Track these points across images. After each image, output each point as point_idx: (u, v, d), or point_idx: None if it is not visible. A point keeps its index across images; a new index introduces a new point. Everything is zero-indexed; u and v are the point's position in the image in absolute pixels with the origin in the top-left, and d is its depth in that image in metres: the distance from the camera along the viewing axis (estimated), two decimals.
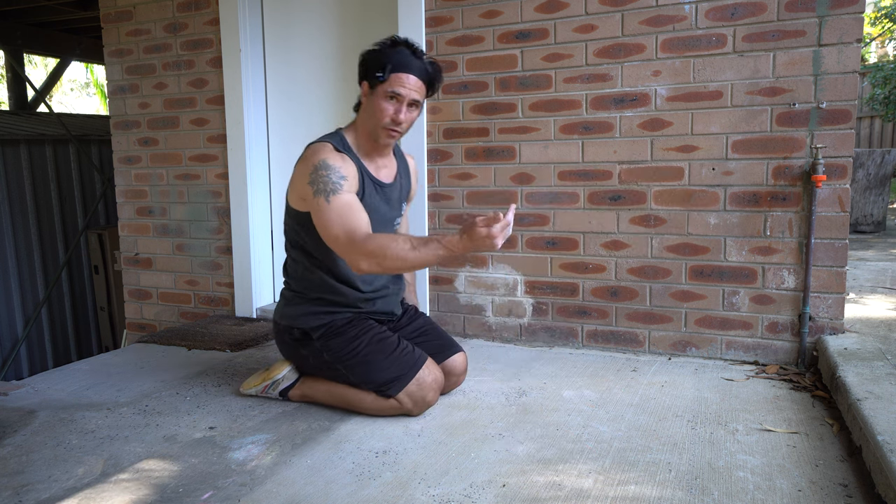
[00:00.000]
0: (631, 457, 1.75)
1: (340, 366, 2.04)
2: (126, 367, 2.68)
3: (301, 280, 2.13)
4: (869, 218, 5.53)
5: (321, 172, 1.91)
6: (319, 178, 1.90)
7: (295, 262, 2.15)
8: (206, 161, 3.43)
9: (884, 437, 1.56)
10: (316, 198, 1.90)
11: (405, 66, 1.96)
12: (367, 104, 2.02)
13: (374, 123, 2.00)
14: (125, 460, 1.79)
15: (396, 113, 1.97)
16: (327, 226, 1.89)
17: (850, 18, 2.30)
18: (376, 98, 1.98)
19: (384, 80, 1.95)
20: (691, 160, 2.55)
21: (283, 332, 2.15)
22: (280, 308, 2.18)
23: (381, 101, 1.97)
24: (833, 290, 2.42)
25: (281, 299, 2.21)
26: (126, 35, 3.53)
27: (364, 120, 2.04)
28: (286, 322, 2.13)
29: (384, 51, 1.98)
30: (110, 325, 5.24)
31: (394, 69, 1.95)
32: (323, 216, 1.89)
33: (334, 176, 1.91)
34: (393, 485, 1.62)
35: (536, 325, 2.86)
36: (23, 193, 4.97)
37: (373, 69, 1.97)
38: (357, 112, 2.10)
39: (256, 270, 3.38)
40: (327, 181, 1.90)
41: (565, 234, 2.77)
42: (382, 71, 1.95)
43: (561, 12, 2.67)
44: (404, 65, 1.96)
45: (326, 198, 1.89)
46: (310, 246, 2.07)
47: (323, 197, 1.89)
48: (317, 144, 2.01)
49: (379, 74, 1.95)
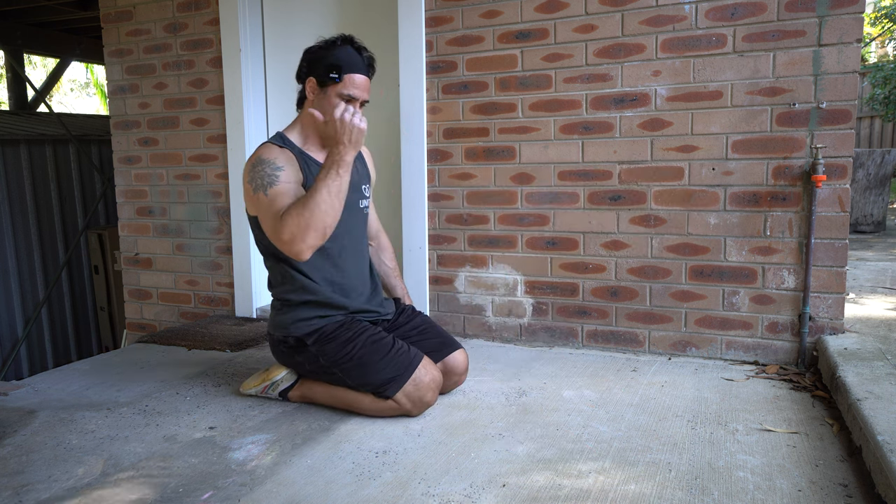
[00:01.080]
0: (631, 457, 1.75)
1: (337, 370, 2.04)
2: (126, 367, 2.68)
3: (282, 287, 2.13)
4: (869, 218, 5.53)
5: (257, 168, 1.94)
6: (256, 175, 1.93)
7: (272, 271, 2.16)
8: (206, 161, 3.43)
9: (884, 437, 1.56)
10: (256, 194, 1.93)
11: (356, 67, 1.99)
12: (318, 100, 2.02)
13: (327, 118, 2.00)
14: (125, 460, 1.79)
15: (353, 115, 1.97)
16: (265, 219, 1.92)
17: (850, 18, 2.30)
18: (328, 98, 2.00)
19: (339, 82, 1.97)
20: (691, 160, 2.55)
21: (278, 343, 2.14)
22: (272, 319, 2.17)
23: (334, 100, 1.99)
24: (833, 290, 2.42)
25: (271, 310, 2.20)
26: (126, 35, 3.53)
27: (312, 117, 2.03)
28: (280, 333, 2.12)
29: (334, 51, 1.99)
30: (110, 325, 5.24)
31: (346, 70, 1.97)
32: (262, 210, 1.92)
33: (269, 168, 1.93)
34: (393, 485, 1.62)
35: (536, 325, 2.86)
36: (23, 193, 4.97)
37: (325, 69, 1.98)
38: (300, 106, 2.12)
39: (256, 270, 3.38)
40: (263, 175, 1.92)
41: (565, 234, 2.77)
42: (337, 72, 1.96)
43: (561, 12, 2.67)
44: (355, 66, 1.99)
45: (265, 191, 1.91)
46: (277, 249, 2.05)
47: (262, 191, 1.92)
48: (257, 149, 2.03)
49: (334, 76, 1.97)
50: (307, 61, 2.04)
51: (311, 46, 2.05)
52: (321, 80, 2.00)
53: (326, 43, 2.02)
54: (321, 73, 1.99)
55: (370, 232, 2.37)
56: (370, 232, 2.37)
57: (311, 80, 2.02)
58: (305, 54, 2.06)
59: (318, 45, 2.04)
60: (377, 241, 2.41)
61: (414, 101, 2.91)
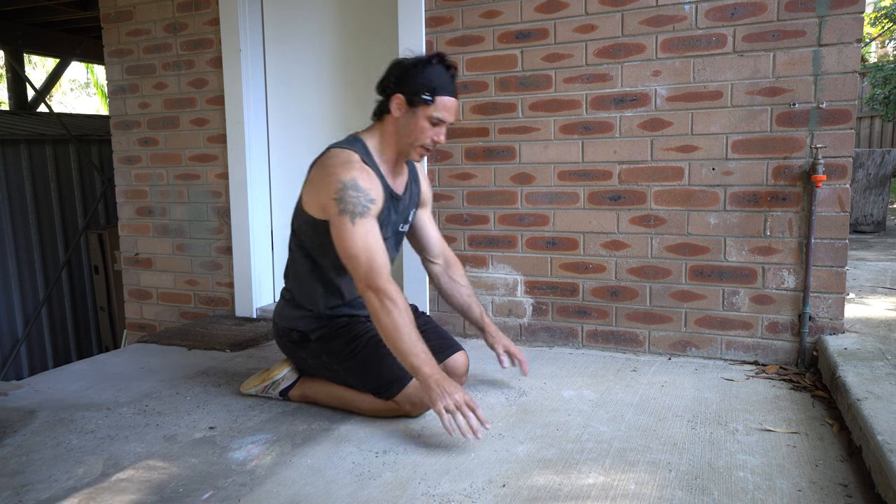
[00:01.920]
0: (631, 457, 1.75)
1: (339, 367, 2.04)
2: (126, 366, 2.68)
3: (298, 284, 2.12)
4: (869, 218, 5.53)
5: (350, 192, 1.85)
6: (348, 198, 1.84)
7: (295, 264, 2.13)
8: (206, 161, 3.43)
9: (884, 437, 1.56)
10: (341, 216, 1.85)
11: (448, 89, 1.92)
12: (404, 121, 1.95)
13: (409, 141, 1.97)
14: (125, 460, 1.79)
15: (437, 136, 1.95)
16: (349, 245, 1.84)
17: (850, 18, 2.30)
18: (417, 118, 1.93)
19: (430, 104, 1.91)
20: (691, 160, 2.55)
21: (282, 334, 2.15)
22: (279, 308, 2.18)
23: (423, 123, 1.93)
24: (833, 290, 2.42)
25: (281, 299, 2.20)
26: (126, 35, 3.53)
27: (395, 133, 1.98)
28: (285, 324, 2.13)
29: (427, 70, 1.91)
30: (110, 325, 5.24)
31: (439, 92, 1.90)
32: (346, 235, 1.85)
33: (364, 198, 1.86)
34: (393, 485, 1.62)
35: (536, 325, 2.86)
36: (23, 193, 4.97)
37: (416, 89, 1.90)
38: (378, 119, 2.03)
39: (256, 270, 3.38)
40: (356, 203, 1.84)
41: (565, 234, 2.77)
42: (430, 94, 1.90)
43: (561, 12, 2.67)
44: (447, 88, 1.92)
45: (352, 219, 1.84)
46: (315, 252, 2.05)
47: (349, 217, 1.84)
48: (343, 153, 1.93)
49: (427, 98, 1.89)
50: (396, 76, 1.94)
51: (402, 60, 1.95)
52: (411, 100, 1.92)
53: (419, 60, 1.92)
54: (412, 92, 1.91)
55: (434, 250, 2.28)
56: (434, 250, 2.28)
57: (399, 97, 1.93)
58: (395, 68, 1.95)
59: (409, 60, 1.94)
60: (444, 258, 2.29)
61: None
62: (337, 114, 3.30)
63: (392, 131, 1.99)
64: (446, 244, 2.33)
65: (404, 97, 1.93)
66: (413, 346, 1.79)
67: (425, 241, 2.28)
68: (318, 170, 1.96)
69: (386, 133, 2.01)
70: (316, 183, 1.95)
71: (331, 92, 3.29)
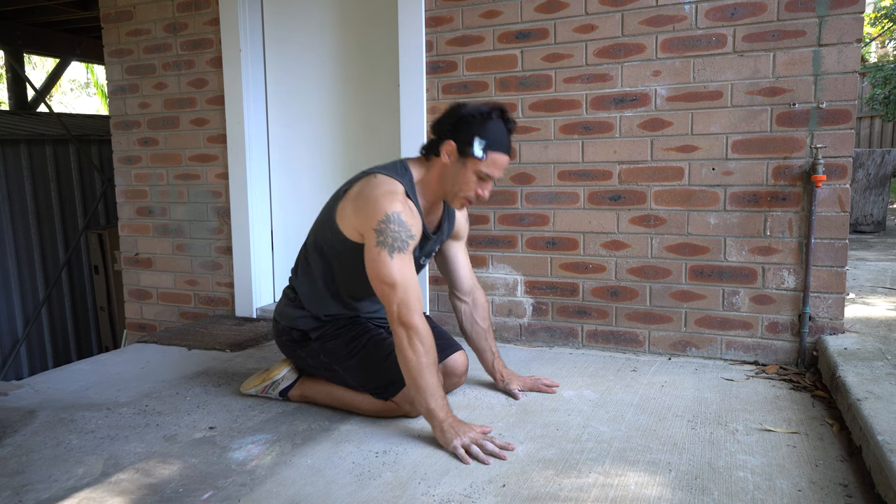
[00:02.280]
0: (631, 457, 1.75)
1: (338, 367, 2.04)
2: (126, 367, 2.68)
3: (305, 291, 2.10)
4: (869, 218, 5.53)
5: (392, 227, 1.81)
6: (389, 231, 1.81)
7: (310, 269, 2.08)
8: (206, 161, 3.43)
9: (884, 437, 1.56)
10: (380, 248, 1.82)
11: (503, 147, 1.89)
12: (452, 169, 1.90)
13: (453, 190, 1.94)
14: (125, 460, 1.79)
15: (483, 191, 1.93)
16: (386, 278, 1.82)
17: (850, 18, 2.30)
18: (466, 170, 1.89)
19: (482, 158, 1.87)
20: (691, 160, 2.55)
21: (282, 333, 2.15)
22: (281, 307, 2.17)
23: (471, 175, 1.89)
24: (833, 290, 2.42)
25: (283, 297, 2.18)
26: (126, 35, 3.53)
27: (440, 179, 1.94)
28: (286, 322, 2.12)
29: (487, 125, 1.86)
30: (110, 325, 5.24)
31: (492, 148, 1.87)
32: (383, 269, 1.82)
33: (404, 234, 1.82)
34: (393, 485, 1.62)
35: (536, 325, 2.86)
36: (23, 193, 4.97)
37: (472, 142, 1.86)
38: (426, 156, 1.98)
39: (256, 270, 3.38)
40: (396, 237, 1.81)
41: (565, 234, 2.77)
42: (483, 151, 1.86)
43: (561, 12, 2.67)
44: (502, 145, 1.88)
45: (390, 253, 1.81)
46: (336, 269, 2.01)
47: (387, 251, 1.81)
48: (389, 183, 1.88)
49: (480, 155, 1.86)
50: (453, 123, 1.89)
51: (463, 107, 1.89)
52: (463, 150, 1.87)
53: (479, 112, 1.87)
54: (465, 143, 1.86)
55: (464, 286, 2.24)
56: (464, 286, 2.24)
57: (451, 144, 1.88)
58: (454, 114, 1.90)
59: (470, 110, 1.88)
60: (472, 297, 2.25)
61: (414, 101, 2.91)
62: (337, 113, 3.30)
63: (438, 175, 1.95)
64: (476, 280, 2.28)
65: (457, 146, 1.88)
66: (433, 388, 1.80)
67: (455, 274, 2.24)
68: (362, 195, 1.90)
69: (431, 175, 1.96)
70: (356, 207, 1.90)
71: (331, 91, 3.29)
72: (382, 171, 1.93)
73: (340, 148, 3.32)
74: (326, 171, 3.36)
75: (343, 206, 1.95)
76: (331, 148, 3.34)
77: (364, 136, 3.26)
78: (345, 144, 3.30)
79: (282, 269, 3.50)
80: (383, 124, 3.18)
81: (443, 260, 2.23)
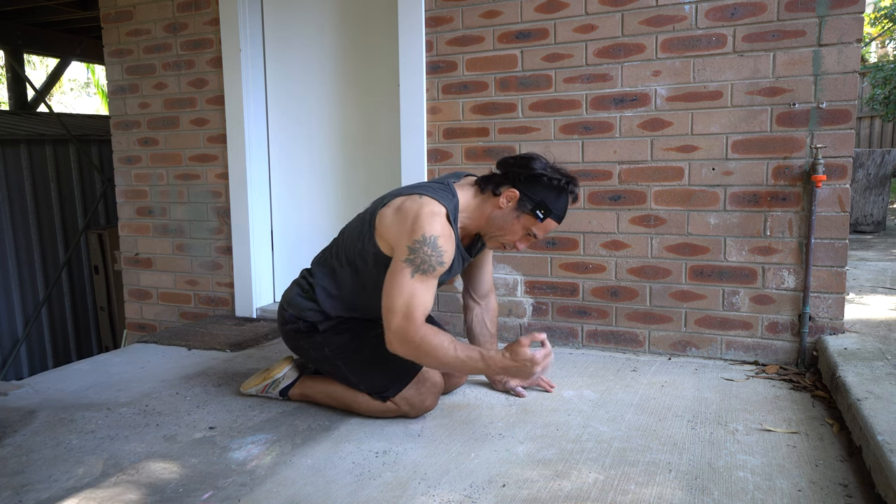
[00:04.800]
0: (631, 457, 1.75)
1: (341, 362, 2.03)
2: (126, 366, 2.68)
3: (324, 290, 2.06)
4: (869, 218, 5.53)
5: (426, 249, 1.79)
6: (421, 252, 1.79)
7: (336, 275, 2.04)
8: (206, 161, 3.43)
9: (884, 437, 1.56)
10: (405, 265, 1.79)
11: (559, 217, 1.92)
12: (504, 212, 1.91)
13: (497, 233, 1.94)
14: (125, 460, 1.79)
15: (522, 244, 1.94)
16: (395, 293, 1.79)
17: (850, 18, 2.30)
18: (518, 222, 1.90)
19: (539, 221, 1.89)
20: (691, 160, 2.55)
21: (288, 321, 2.10)
22: (290, 296, 2.11)
23: (519, 228, 1.91)
24: (833, 290, 2.42)
25: (295, 286, 2.13)
26: (126, 35, 3.53)
27: (489, 218, 1.93)
28: (294, 312, 2.08)
29: (556, 195, 1.88)
30: (110, 325, 5.24)
31: (551, 215, 1.90)
32: (398, 281, 1.79)
33: (435, 259, 1.80)
34: (393, 485, 1.62)
35: (536, 325, 2.86)
36: (23, 193, 4.97)
37: (536, 202, 1.87)
38: (483, 190, 1.95)
39: (256, 270, 3.38)
40: (426, 259, 1.79)
41: (565, 234, 2.77)
42: (545, 215, 1.88)
43: (561, 12, 2.67)
44: (560, 215, 1.92)
45: (413, 272, 1.78)
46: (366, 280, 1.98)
47: (411, 268, 1.78)
48: (434, 205, 1.84)
49: (540, 215, 1.88)
50: (526, 176, 1.88)
51: (538, 163, 1.89)
52: (523, 204, 1.88)
53: (556, 179, 1.87)
54: (529, 201, 1.88)
55: (482, 291, 2.24)
56: (482, 291, 2.24)
57: (515, 193, 1.88)
58: (530, 167, 1.88)
59: (549, 173, 1.88)
60: (486, 302, 2.25)
61: (414, 101, 2.91)
62: (337, 113, 3.30)
63: (487, 213, 1.93)
64: (493, 288, 2.29)
65: (519, 197, 1.88)
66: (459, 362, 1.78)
67: (477, 279, 2.24)
68: (404, 209, 1.86)
69: (482, 210, 1.94)
70: (396, 220, 1.86)
71: (331, 92, 3.29)
72: (429, 192, 1.89)
73: (340, 147, 3.32)
74: (326, 170, 3.36)
75: (381, 217, 1.90)
76: (331, 147, 3.34)
77: (364, 135, 3.26)
78: (345, 144, 3.30)
79: (282, 269, 3.50)
80: (383, 124, 3.18)
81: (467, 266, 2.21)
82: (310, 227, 3.40)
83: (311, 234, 3.41)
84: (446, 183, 1.97)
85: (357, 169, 3.28)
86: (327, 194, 3.37)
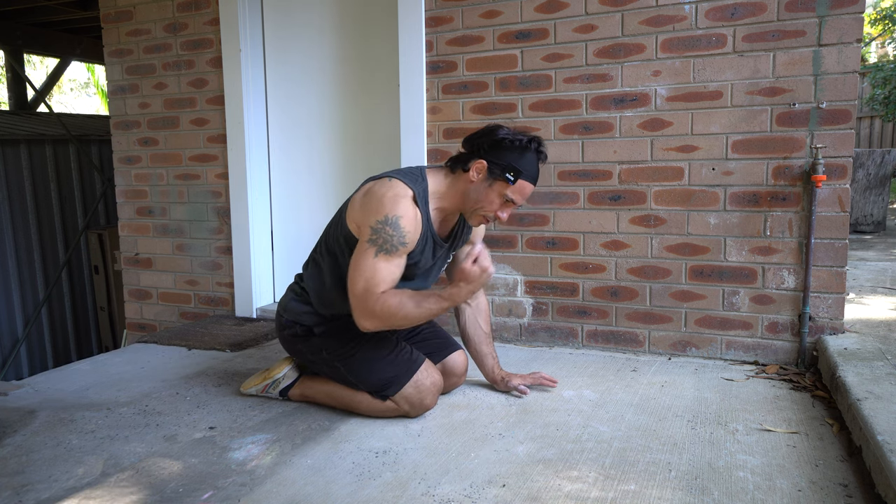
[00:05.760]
0: (631, 457, 1.75)
1: (339, 363, 2.03)
2: (126, 366, 2.68)
3: (313, 288, 2.08)
4: (869, 218, 5.53)
5: (388, 229, 1.82)
6: (383, 232, 1.83)
7: (319, 268, 2.08)
8: (206, 161, 3.43)
9: (884, 437, 1.56)
10: (368, 244, 1.83)
11: (532, 177, 1.91)
12: (477, 186, 1.91)
13: (474, 207, 1.94)
14: (125, 460, 1.79)
15: (503, 212, 1.94)
16: (356, 273, 1.83)
17: (850, 18, 2.30)
18: (491, 190, 1.90)
19: (510, 184, 1.88)
20: (691, 160, 2.55)
21: (285, 327, 2.12)
22: (286, 302, 2.14)
23: (495, 196, 1.90)
24: (833, 290, 2.42)
25: (289, 292, 2.16)
26: (126, 35, 3.53)
27: (463, 194, 1.94)
28: (290, 317, 2.10)
29: (522, 154, 1.89)
30: (110, 325, 5.24)
31: (523, 176, 1.89)
32: (360, 262, 1.84)
33: (397, 239, 1.83)
34: (393, 485, 1.62)
35: (536, 325, 2.86)
36: (23, 193, 4.97)
37: (504, 166, 1.87)
38: (451, 167, 1.97)
39: (256, 270, 3.38)
40: (388, 239, 1.82)
41: (565, 234, 2.77)
42: (515, 176, 1.88)
43: (561, 12, 2.67)
44: (532, 175, 1.90)
45: (376, 252, 1.82)
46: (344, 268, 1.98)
47: (374, 248, 1.82)
48: (399, 187, 1.88)
49: (510, 177, 1.87)
50: (489, 144, 1.90)
51: (501, 131, 1.90)
52: (492, 171, 1.88)
53: (517, 139, 1.88)
54: (497, 167, 1.88)
55: None
56: None
57: (482, 163, 1.89)
58: (491, 134, 1.90)
59: (508, 136, 1.89)
60: (476, 302, 2.24)
61: (414, 101, 2.91)
62: (337, 113, 3.30)
63: (461, 190, 1.94)
64: None
65: (488, 166, 1.89)
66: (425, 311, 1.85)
67: None
68: (370, 192, 1.91)
69: (455, 189, 1.96)
70: (362, 203, 1.91)
71: (331, 91, 3.29)
72: (398, 175, 1.93)
73: (340, 147, 3.32)
74: (326, 170, 3.36)
75: (352, 201, 1.97)
76: (331, 147, 3.34)
77: (364, 135, 3.26)
78: (345, 144, 3.31)
79: (282, 269, 3.50)
80: (383, 124, 3.18)
81: (452, 262, 2.23)
82: (310, 228, 3.39)
83: (310, 234, 3.41)
84: (419, 168, 2.01)
85: (357, 169, 3.28)
86: (327, 194, 3.37)
